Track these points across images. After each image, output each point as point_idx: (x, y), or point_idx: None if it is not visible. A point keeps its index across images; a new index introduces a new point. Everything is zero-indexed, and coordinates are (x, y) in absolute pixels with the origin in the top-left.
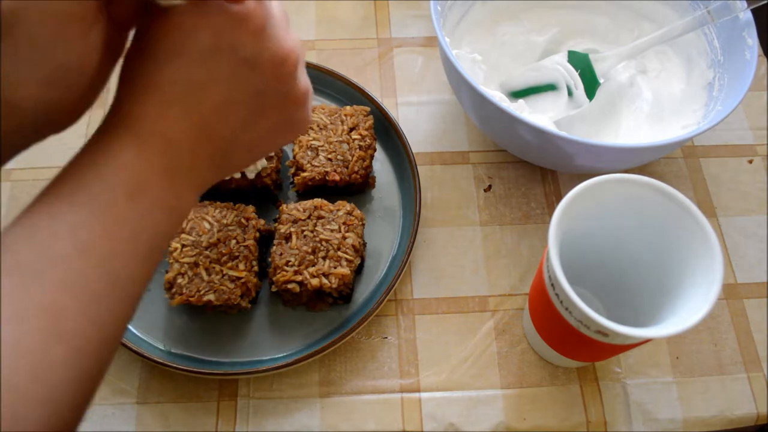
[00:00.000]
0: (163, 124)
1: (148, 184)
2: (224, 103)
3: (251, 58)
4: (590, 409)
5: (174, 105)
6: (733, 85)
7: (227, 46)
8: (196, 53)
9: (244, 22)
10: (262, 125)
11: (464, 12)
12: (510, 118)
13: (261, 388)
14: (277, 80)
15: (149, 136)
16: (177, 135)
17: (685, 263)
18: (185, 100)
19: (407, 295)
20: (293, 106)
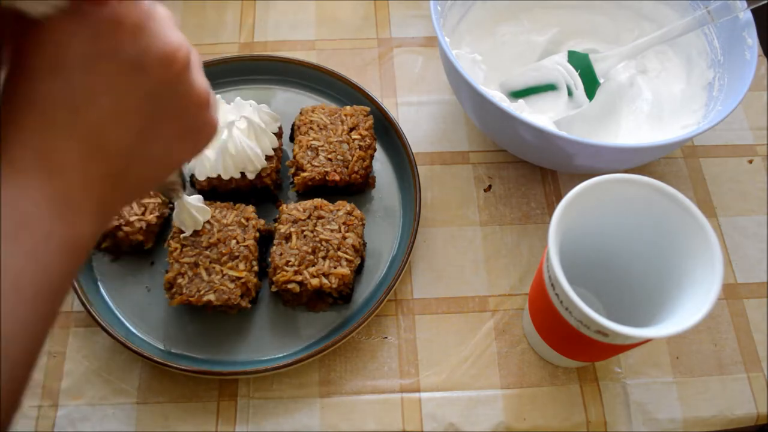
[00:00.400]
0: (45, 147)
1: (31, 221)
2: (113, 114)
3: (135, 59)
4: (590, 409)
5: (55, 124)
6: (733, 85)
7: (106, 51)
8: (73, 63)
9: (120, 22)
10: (163, 133)
11: (464, 12)
12: (510, 118)
13: (261, 388)
14: (169, 81)
15: (30, 164)
16: (62, 157)
17: (685, 263)
18: (68, 116)
19: (407, 295)
20: (194, 108)
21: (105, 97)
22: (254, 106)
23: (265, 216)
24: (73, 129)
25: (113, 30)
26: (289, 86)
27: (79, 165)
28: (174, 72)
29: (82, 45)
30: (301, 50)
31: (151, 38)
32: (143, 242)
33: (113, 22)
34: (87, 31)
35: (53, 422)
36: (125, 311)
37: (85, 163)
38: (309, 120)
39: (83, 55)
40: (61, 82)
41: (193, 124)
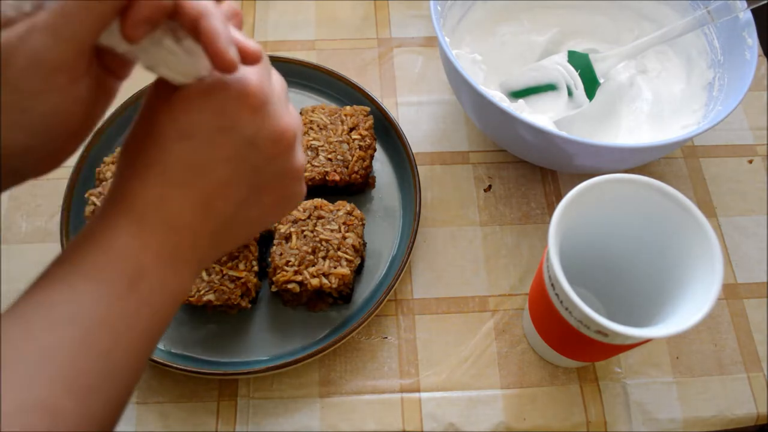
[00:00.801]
0: (165, 207)
1: (148, 271)
2: (226, 182)
3: (251, 137)
4: (590, 409)
5: (176, 186)
6: (733, 85)
7: (229, 126)
8: (199, 134)
9: (245, 101)
10: (263, 201)
11: (464, 12)
12: (510, 118)
13: (261, 388)
14: (275, 157)
15: (150, 219)
16: (179, 217)
17: (685, 263)
18: (188, 180)
19: (407, 295)
20: (291, 182)
21: (222, 167)
22: None
23: None
24: (191, 192)
25: (238, 107)
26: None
27: (192, 225)
28: (280, 150)
29: (210, 119)
30: (301, 50)
31: (266, 119)
32: None
33: (239, 100)
34: (216, 106)
35: None
36: None
37: (197, 223)
38: (309, 120)
39: (209, 128)
40: (186, 150)
41: (287, 193)
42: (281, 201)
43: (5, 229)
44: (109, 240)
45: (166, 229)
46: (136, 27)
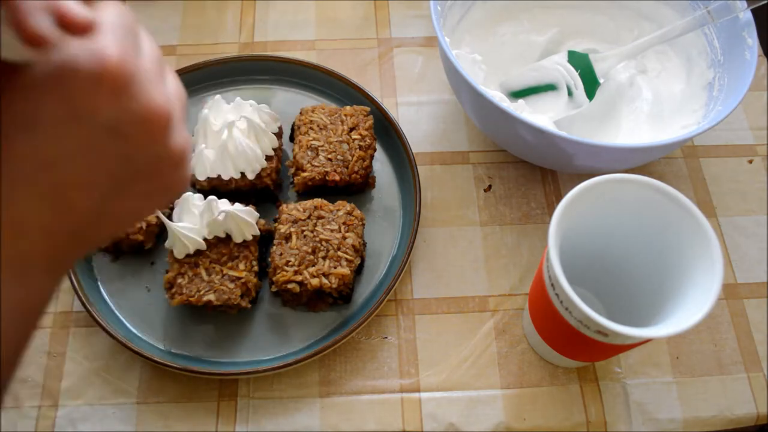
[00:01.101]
0: (11, 208)
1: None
2: (83, 175)
3: (111, 124)
4: (590, 409)
5: (23, 184)
6: (733, 85)
7: (82, 114)
8: (44, 125)
9: (100, 83)
10: (134, 191)
11: (464, 12)
12: (510, 118)
13: (261, 388)
14: (146, 144)
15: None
16: (28, 218)
17: (685, 263)
18: (35, 177)
19: (407, 295)
20: (168, 169)
21: (74, 158)
22: (254, 106)
23: (265, 216)
24: (41, 190)
25: (92, 90)
26: (289, 86)
27: (45, 226)
28: (151, 136)
29: (57, 106)
30: (301, 50)
31: (130, 101)
32: (143, 242)
33: (93, 82)
34: (64, 90)
35: (53, 422)
36: (125, 311)
37: (51, 223)
38: (309, 120)
39: (56, 116)
40: (31, 142)
41: (164, 182)
42: (158, 190)
43: None
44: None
45: (14, 234)
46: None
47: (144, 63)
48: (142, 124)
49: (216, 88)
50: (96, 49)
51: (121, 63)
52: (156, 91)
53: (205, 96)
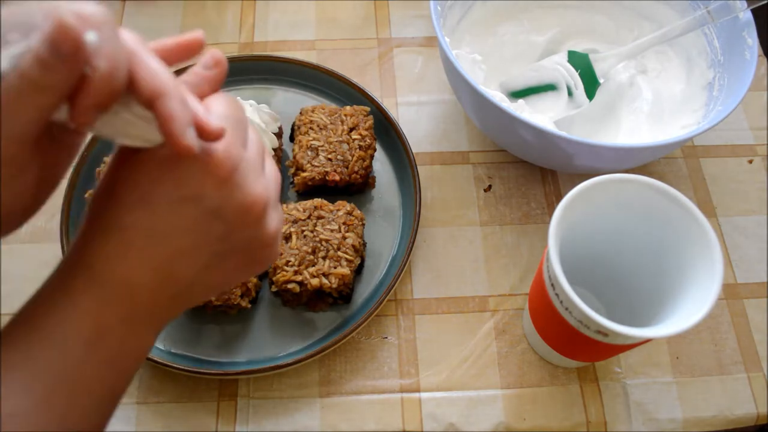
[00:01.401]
0: (124, 270)
1: (107, 333)
2: (187, 250)
3: (215, 209)
4: (590, 409)
5: (136, 251)
6: (733, 85)
7: (191, 197)
8: (161, 203)
9: (210, 172)
10: (226, 266)
11: (464, 12)
12: (510, 118)
13: (261, 388)
14: (243, 228)
15: (109, 282)
16: (138, 280)
17: (685, 263)
18: (148, 246)
19: (407, 295)
20: (260, 249)
21: (182, 235)
22: (254, 106)
23: None
24: (151, 258)
25: (200, 179)
26: (289, 86)
27: (151, 289)
28: (248, 222)
29: (172, 188)
30: (301, 50)
31: (233, 190)
32: None
33: (204, 170)
34: (176, 175)
35: None
36: None
37: (157, 287)
38: (309, 120)
39: (171, 198)
40: (147, 216)
41: (255, 258)
42: (248, 266)
43: None
44: (67, 301)
45: (126, 293)
46: (84, 114)
47: (248, 154)
48: (240, 212)
49: None
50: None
51: (226, 156)
52: (256, 182)
53: None
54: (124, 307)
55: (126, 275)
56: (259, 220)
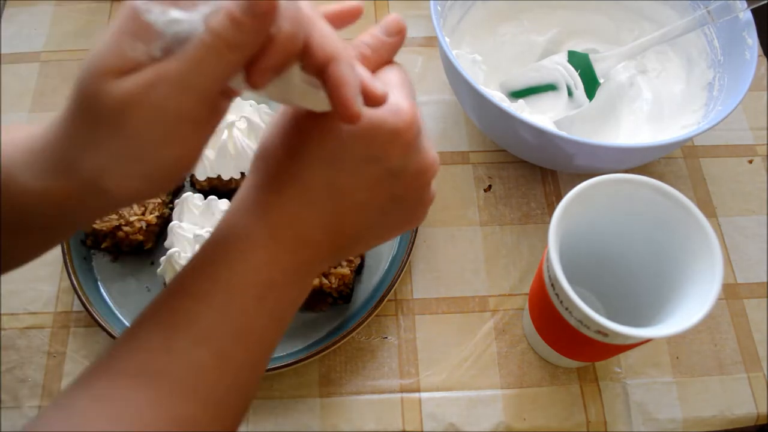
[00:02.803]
0: (300, 223)
1: (277, 284)
2: (361, 207)
3: (397, 170)
4: (590, 409)
5: (313, 206)
6: (733, 85)
7: (377, 158)
8: (346, 162)
9: (397, 137)
10: (388, 222)
11: (464, 12)
12: (510, 118)
13: (261, 388)
14: (415, 189)
15: (283, 235)
16: (310, 234)
17: (685, 263)
18: (326, 202)
19: (407, 295)
20: (420, 209)
21: (361, 193)
22: (254, 106)
23: None
24: (326, 213)
25: (389, 141)
26: None
27: (320, 243)
28: (422, 183)
29: (360, 149)
30: None
31: (414, 153)
32: (143, 242)
33: (392, 134)
34: (367, 137)
35: None
36: (125, 311)
37: (325, 241)
38: None
39: (358, 157)
40: (331, 174)
41: (412, 219)
42: (405, 223)
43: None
44: (243, 251)
45: (297, 245)
46: (262, 75)
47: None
48: (417, 174)
49: None
50: (396, 110)
51: (413, 122)
52: (430, 148)
53: None
54: (293, 260)
55: (300, 229)
56: (429, 182)
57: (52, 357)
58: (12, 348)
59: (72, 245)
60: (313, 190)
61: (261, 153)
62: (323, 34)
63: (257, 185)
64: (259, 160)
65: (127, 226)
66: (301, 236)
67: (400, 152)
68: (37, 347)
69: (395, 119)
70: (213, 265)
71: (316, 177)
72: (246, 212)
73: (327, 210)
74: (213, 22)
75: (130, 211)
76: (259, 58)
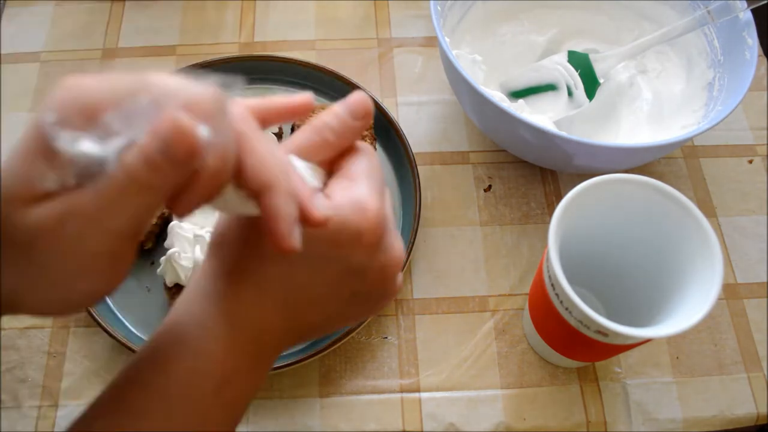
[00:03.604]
0: (257, 311)
1: (236, 374)
2: (321, 300)
3: (359, 269)
4: (590, 409)
5: (271, 299)
6: (733, 85)
7: (338, 257)
8: (306, 260)
9: (360, 237)
10: (350, 312)
11: (464, 12)
12: (510, 118)
13: (261, 388)
14: (379, 283)
15: (242, 321)
16: (269, 322)
17: (685, 263)
18: (284, 296)
19: (407, 295)
20: (385, 300)
21: (320, 289)
22: None
23: None
24: (285, 307)
25: (350, 244)
26: (289, 86)
27: (280, 333)
28: (384, 279)
29: (320, 248)
30: (301, 50)
31: (377, 253)
32: (143, 242)
33: (352, 238)
34: (327, 237)
35: (53, 422)
36: (125, 311)
37: (285, 332)
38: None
39: (317, 256)
40: (289, 271)
41: (378, 306)
42: (368, 311)
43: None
44: (199, 342)
45: (255, 332)
46: (186, 209)
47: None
48: (380, 271)
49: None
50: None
51: (378, 222)
52: (395, 243)
53: None
54: (253, 349)
55: (259, 321)
56: (394, 276)
57: (52, 357)
58: (12, 348)
59: None
60: (270, 282)
61: (217, 240)
62: (258, 158)
63: (214, 273)
64: (215, 247)
65: None
66: (259, 325)
67: (364, 252)
68: (37, 347)
69: (359, 219)
70: (168, 358)
71: (273, 270)
72: (203, 299)
73: (285, 304)
74: (127, 160)
75: None
76: (182, 191)
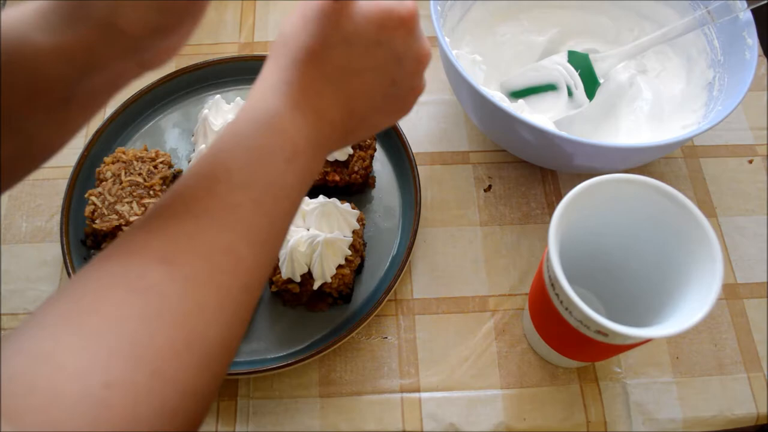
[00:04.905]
0: (320, 101)
1: (301, 153)
2: (370, 88)
3: (401, 53)
4: (590, 409)
5: (330, 83)
6: (733, 85)
7: (386, 40)
8: (362, 44)
9: (402, 23)
10: (387, 109)
11: (464, 12)
12: (510, 118)
13: (261, 388)
14: (412, 75)
15: (306, 108)
16: (328, 111)
17: (685, 263)
18: (341, 81)
19: (407, 295)
20: (413, 98)
21: (370, 74)
22: None
23: None
24: (341, 92)
25: (395, 28)
26: None
27: (335, 121)
28: (418, 70)
29: (373, 32)
30: None
31: (415, 39)
32: None
33: (399, 19)
34: (380, 21)
35: None
36: None
37: (339, 120)
38: None
39: (370, 40)
40: (347, 55)
41: (406, 106)
42: (398, 112)
43: (5, 229)
44: (271, 121)
45: (317, 119)
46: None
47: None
48: (416, 60)
49: (216, 88)
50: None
51: (414, 11)
52: (425, 38)
53: (205, 96)
54: (314, 133)
55: (320, 106)
56: (422, 71)
57: None
58: None
59: (72, 245)
60: (331, 69)
61: (282, 39)
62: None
63: (279, 67)
64: (280, 47)
65: (127, 225)
66: (320, 112)
67: (404, 38)
68: None
69: (401, 8)
70: (244, 133)
71: (334, 56)
72: (270, 90)
73: (341, 89)
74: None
75: (130, 211)
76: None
